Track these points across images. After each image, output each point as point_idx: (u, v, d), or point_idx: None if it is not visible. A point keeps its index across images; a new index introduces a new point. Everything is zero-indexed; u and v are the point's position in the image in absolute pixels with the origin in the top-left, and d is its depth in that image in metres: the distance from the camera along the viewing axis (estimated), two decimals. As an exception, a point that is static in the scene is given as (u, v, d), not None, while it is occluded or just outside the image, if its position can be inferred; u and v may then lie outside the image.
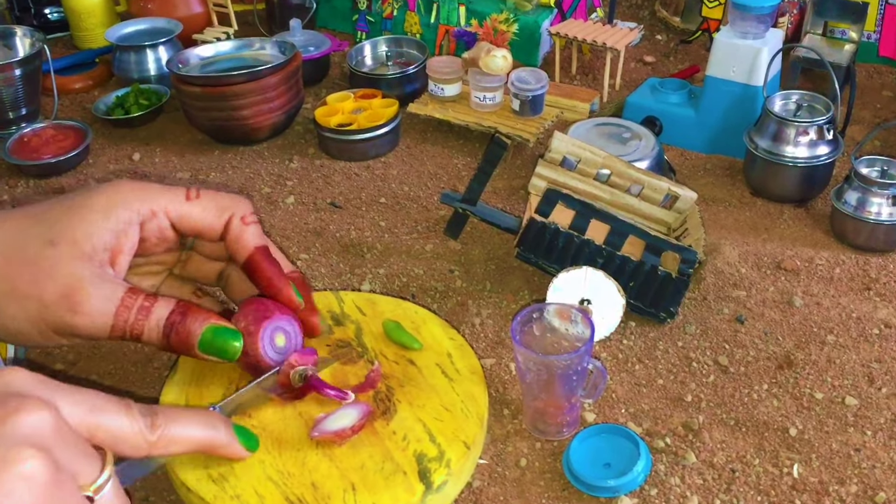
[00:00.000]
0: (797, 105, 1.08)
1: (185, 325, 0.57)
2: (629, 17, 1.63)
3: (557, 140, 0.96)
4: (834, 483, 0.72)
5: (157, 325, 0.57)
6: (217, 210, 0.62)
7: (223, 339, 0.59)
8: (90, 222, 0.58)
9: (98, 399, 0.45)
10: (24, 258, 0.55)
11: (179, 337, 0.57)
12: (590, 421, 0.78)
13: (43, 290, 0.55)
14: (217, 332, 0.59)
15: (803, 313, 0.91)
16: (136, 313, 0.57)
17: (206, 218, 0.62)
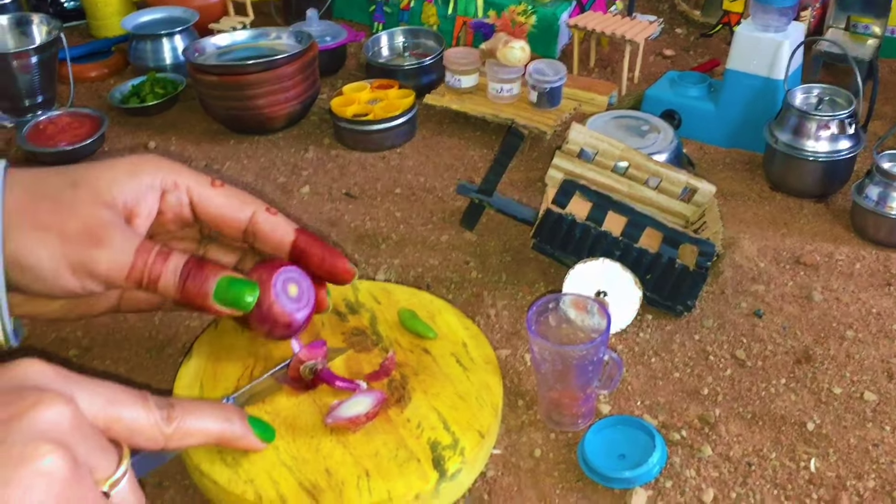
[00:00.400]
0: (818, 99, 1.07)
1: (203, 273, 0.56)
2: (649, 10, 1.62)
3: (575, 131, 0.95)
4: (852, 478, 0.71)
5: (175, 270, 0.56)
6: (239, 202, 0.62)
7: (238, 288, 0.57)
8: (113, 177, 0.57)
9: (115, 391, 0.45)
10: (45, 194, 0.55)
11: (196, 283, 0.56)
12: (605, 412, 0.78)
13: (65, 223, 0.54)
14: (233, 282, 0.57)
15: (822, 308, 0.90)
16: (155, 255, 0.56)
17: (229, 207, 0.62)
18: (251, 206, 0.62)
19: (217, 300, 0.57)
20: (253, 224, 0.62)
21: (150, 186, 0.59)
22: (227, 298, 0.57)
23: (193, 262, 0.57)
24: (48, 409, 0.39)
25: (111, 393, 0.44)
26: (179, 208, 0.61)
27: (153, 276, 0.55)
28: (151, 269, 0.55)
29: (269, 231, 0.62)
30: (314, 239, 0.64)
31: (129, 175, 0.58)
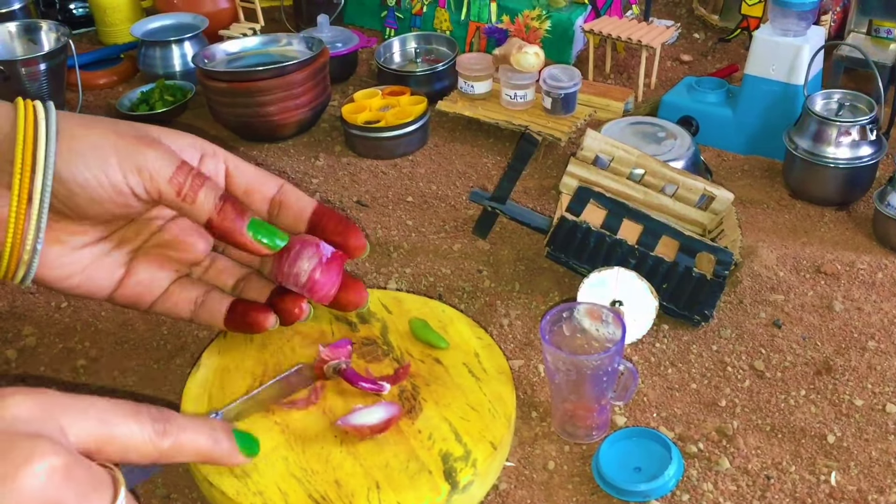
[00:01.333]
0: (839, 104, 1.06)
1: (240, 205, 0.59)
2: (666, 14, 1.61)
3: (590, 138, 0.94)
4: (873, 492, 0.70)
5: (216, 190, 0.58)
6: (269, 175, 0.66)
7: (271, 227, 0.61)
8: (161, 131, 0.61)
9: (107, 410, 0.44)
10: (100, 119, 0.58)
11: (235, 209, 0.58)
12: (620, 424, 0.77)
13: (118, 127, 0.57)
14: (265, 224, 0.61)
15: (843, 318, 0.88)
16: (198, 172, 0.58)
17: (261, 177, 0.65)
18: (280, 180, 0.66)
19: (251, 229, 0.58)
20: (280, 194, 0.65)
21: (192, 146, 0.62)
22: (261, 233, 0.59)
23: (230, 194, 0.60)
24: (38, 464, 0.38)
25: (103, 413, 0.44)
26: (216, 174, 0.63)
27: (194, 187, 0.56)
28: (193, 180, 0.57)
29: (294, 200, 0.65)
30: (332, 211, 0.67)
31: (175, 134, 0.62)
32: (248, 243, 0.59)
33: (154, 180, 0.56)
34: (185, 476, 0.72)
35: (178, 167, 0.56)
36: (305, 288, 0.67)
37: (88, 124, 0.56)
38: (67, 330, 0.90)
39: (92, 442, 0.43)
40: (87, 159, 0.55)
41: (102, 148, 0.55)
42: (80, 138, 0.55)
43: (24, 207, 0.54)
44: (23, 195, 0.53)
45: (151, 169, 0.55)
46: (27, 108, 0.55)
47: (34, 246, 0.56)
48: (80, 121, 0.57)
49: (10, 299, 0.95)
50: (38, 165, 0.53)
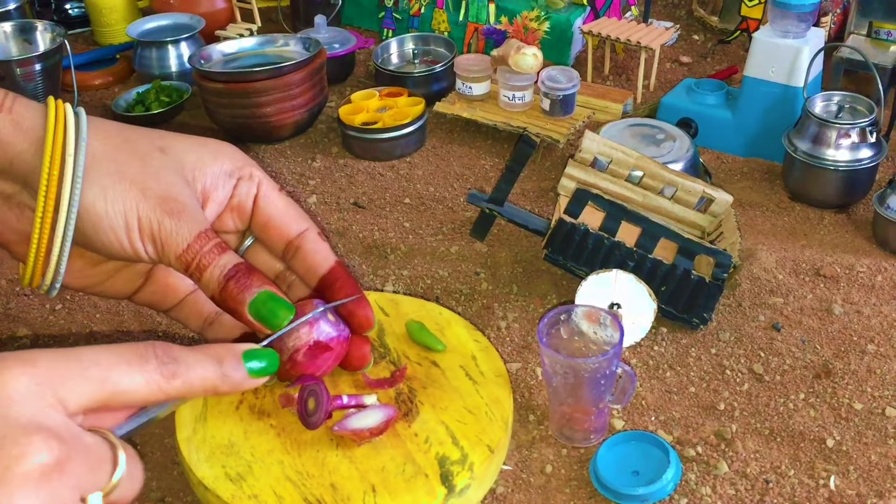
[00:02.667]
0: (839, 106, 1.06)
1: (248, 280, 0.56)
2: (665, 16, 1.61)
3: (588, 140, 0.94)
4: (872, 496, 0.69)
5: (224, 267, 0.55)
6: (297, 214, 0.62)
7: (276, 304, 0.56)
8: (199, 158, 0.58)
9: (110, 367, 0.43)
10: (132, 151, 0.55)
11: (238, 287, 0.55)
12: (618, 428, 0.77)
13: (147, 183, 0.54)
14: (273, 298, 0.56)
15: (843, 321, 0.88)
16: (213, 246, 0.55)
17: (287, 214, 0.61)
18: (306, 223, 0.62)
19: (251, 310, 0.56)
20: (300, 239, 0.62)
21: (229, 174, 0.60)
22: (262, 312, 0.56)
23: (244, 266, 0.56)
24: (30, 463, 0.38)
25: (105, 371, 0.43)
26: (245, 199, 0.61)
27: (202, 264, 0.55)
28: (204, 256, 0.55)
29: (312, 251, 0.62)
30: (349, 276, 0.63)
31: (212, 158, 0.59)
32: (249, 323, 0.57)
33: (166, 253, 0.55)
34: (180, 479, 0.72)
35: (188, 245, 0.55)
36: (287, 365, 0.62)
37: (119, 167, 0.54)
38: (62, 332, 0.90)
39: (94, 403, 0.42)
40: (112, 220, 0.54)
41: (128, 211, 0.54)
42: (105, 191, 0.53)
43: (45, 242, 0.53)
44: (44, 231, 0.53)
45: (165, 241, 0.54)
46: (57, 129, 0.53)
47: (55, 274, 0.55)
48: (111, 160, 0.54)
49: (5, 301, 0.94)
50: (60, 210, 0.52)
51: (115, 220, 0.53)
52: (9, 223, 0.55)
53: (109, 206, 0.53)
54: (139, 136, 0.57)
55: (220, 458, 0.63)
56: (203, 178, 0.58)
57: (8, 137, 0.52)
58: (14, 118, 0.52)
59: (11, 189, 0.54)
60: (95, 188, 0.53)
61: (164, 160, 0.56)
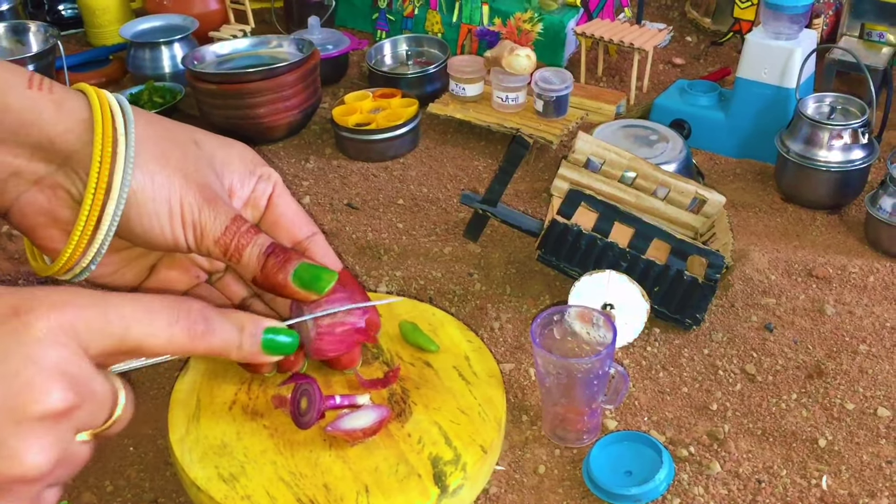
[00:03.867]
0: (831, 108, 1.06)
1: (286, 255, 0.58)
2: (658, 17, 1.61)
3: (581, 141, 0.94)
4: (864, 496, 0.70)
5: (262, 245, 0.57)
6: (308, 219, 0.64)
7: (318, 270, 0.59)
8: (227, 156, 0.60)
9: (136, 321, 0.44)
10: (173, 140, 0.57)
11: (277, 261, 0.57)
12: (611, 428, 0.77)
13: (187, 170, 0.56)
14: (312, 266, 0.59)
15: (835, 322, 0.89)
16: (248, 227, 0.57)
17: (298, 217, 0.64)
18: (315, 228, 0.65)
19: (295, 279, 0.58)
20: (309, 242, 0.64)
21: (252, 173, 0.62)
22: (305, 278, 0.58)
23: (277, 244, 0.58)
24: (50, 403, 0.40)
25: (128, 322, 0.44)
26: (260, 196, 0.63)
27: (240, 246, 0.57)
28: (241, 236, 0.57)
29: (321, 255, 0.64)
30: (356, 282, 0.65)
31: (238, 158, 0.61)
32: (294, 293, 0.59)
33: (204, 239, 0.57)
34: (173, 480, 0.72)
35: (226, 228, 0.56)
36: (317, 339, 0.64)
37: (164, 154, 0.55)
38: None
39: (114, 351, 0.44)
40: (158, 206, 0.55)
41: (172, 197, 0.55)
42: (153, 176, 0.54)
43: (92, 226, 0.54)
44: (92, 215, 0.53)
45: (203, 227, 0.56)
46: (104, 113, 0.54)
47: (93, 259, 0.56)
48: (156, 147, 0.55)
49: None
50: (112, 192, 0.52)
51: (160, 205, 0.55)
52: (37, 205, 0.55)
53: (157, 192, 0.54)
54: (176, 126, 0.59)
55: (213, 458, 0.63)
56: (231, 176, 0.60)
57: (50, 117, 0.52)
58: (55, 98, 0.52)
59: (45, 170, 0.54)
60: (143, 172, 0.54)
61: (199, 153, 0.58)
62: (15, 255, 1.03)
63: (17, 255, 1.03)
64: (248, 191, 0.62)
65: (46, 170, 0.54)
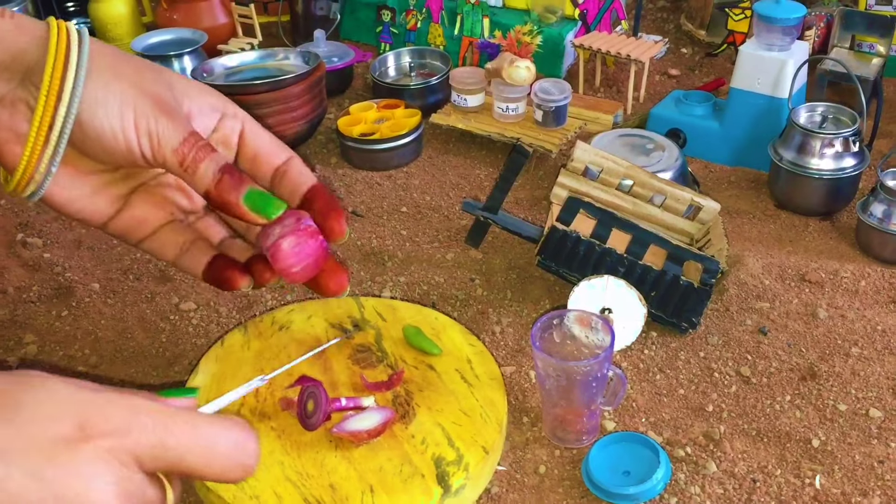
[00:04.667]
0: (822, 117, 1.08)
1: (240, 176, 0.59)
2: (654, 30, 1.63)
3: (580, 150, 0.96)
4: (857, 495, 0.71)
5: (218, 162, 0.58)
6: (282, 147, 0.65)
7: (268, 197, 0.60)
8: (187, 85, 0.61)
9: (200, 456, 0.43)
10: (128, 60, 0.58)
11: (233, 180, 0.58)
12: (609, 429, 0.78)
13: (142, 84, 0.57)
14: (263, 193, 0.60)
15: (827, 325, 0.90)
16: (205, 143, 0.58)
17: (273, 146, 0.64)
18: (290, 153, 0.66)
19: (246, 201, 0.59)
20: (286, 165, 0.65)
21: (213, 107, 0.63)
22: (257, 203, 0.59)
23: (233, 166, 0.59)
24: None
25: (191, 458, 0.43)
26: (231, 133, 0.64)
27: (197, 158, 0.58)
28: (198, 151, 0.58)
29: (296, 174, 0.64)
30: (325, 192, 0.66)
31: (198, 90, 0.62)
32: (244, 213, 0.60)
33: (161, 147, 0.57)
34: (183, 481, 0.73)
35: (184, 139, 0.58)
36: (269, 252, 0.64)
37: (116, 68, 0.57)
38: (68, 338, 0.91)
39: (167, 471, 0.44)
40: (109, 109, 0.56)
41: (124, 102, 0.56)
42: (106, 84, 0.56)
43: (45, 132, 0.55)
44: (45, 120, 0.55)
45: (161, 136, 0.57)
46: (60, 31, 0.56)
47: (48, 168, 0.57)
48: (109, 61, 0.57)
49: (12, 308, 0.96)
50: (63, 96, 0.54)
51: (112, 110, 0.56)
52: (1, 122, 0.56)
53: (110, 97, 0.56)
54: (135, 56, 0.60)
55: (223, 458, 0.65)
56: (189, 103, 0.61)
57: (10, 36, 0.55)
58: (16, 21, 0.55)
59: (6, 87, 0.56)
60: (96, 80, 0.55)
61: (157, 76, 0.59)
62: (29, 261, 1.05)
63: (32, 262, 1.05)
64: (210, 124, 0.63)
65: (7, 87, 0.56)
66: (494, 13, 1.49)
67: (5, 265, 1.04)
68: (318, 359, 0.75)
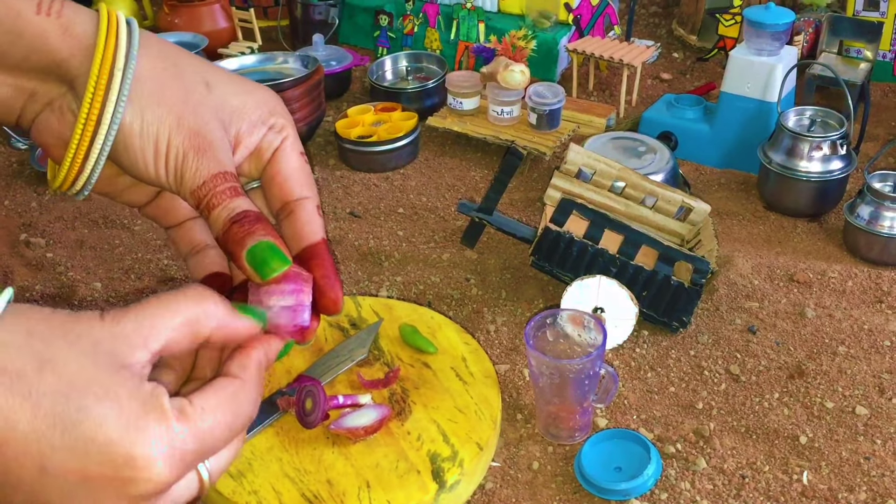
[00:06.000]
0: (811, 120, 1.09)
1: (253, 227, 0.54)
2: (646, 35, 1.65)
3: (573, 152, 0.97)
4: (843, 490, 0.72)
5: (234, 209, 0.55)
6: (306, 182, 0.60)
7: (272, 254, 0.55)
8: (242, 103, 0.57)
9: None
10: (179, 77, 0.55)
11: (241, 230, 0.54)
12: (602, 426, 0.79)
13: (183, 114, 0.54)
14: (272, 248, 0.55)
15: (815, 325, 0.91)
16: (227, 188, 0.55)
17: (296, 177, 0.59)
18: (310, 192, 0.60)
19: (247, 255, 0.55)
20: (298, 204, 0.59)
21: (265, 122, 0.58)
22: (255, 259, 0.55)
23: (254, 214, 0.55)
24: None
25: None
26: (267, 148, 0.59)
27: (213, 203, 0.54)
28: (216, 195, 0.54)
29: (305, 221, 0.59)
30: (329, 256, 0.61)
31: (255, 104, 0.58)
32: (244, 268, 0.56)
33: (183, 185, 0.55)
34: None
35: (204, 182, 0.55)
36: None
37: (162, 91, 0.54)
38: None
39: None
40: (144, 141, 0.54)
41: (160, 135, 0.54)
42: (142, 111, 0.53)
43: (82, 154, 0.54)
44: (83, 143, 0.53)
45: (184, 175, 0.55)
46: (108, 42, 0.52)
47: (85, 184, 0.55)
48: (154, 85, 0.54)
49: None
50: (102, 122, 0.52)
51: (146, 143, 0.54)
52: (50, 126, 0.56)
53: (145, 128, 0.54)
54: (188, 64, 0.56)
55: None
56: (240, 124, 0.57)
57: (56, 43, 0.52)
58: (63, 22, 0.52)
59: (57, 91, 0.55)
60: (135, 107, 0.53)
61: (207, 97, 0.56)
62: (33, 261, 1.06)
63: (35, 261, 1.06)
64: (256, 139, 0.59)
65: (58, 91, 0.54)
66: (490, 18, 1.50)
67: (9, 265, 1.05)
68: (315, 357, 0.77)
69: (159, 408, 0.41)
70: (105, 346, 0.43)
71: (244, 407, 0.45)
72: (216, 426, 0.43)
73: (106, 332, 0.43)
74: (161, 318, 0.45)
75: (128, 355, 0.43)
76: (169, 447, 0.40)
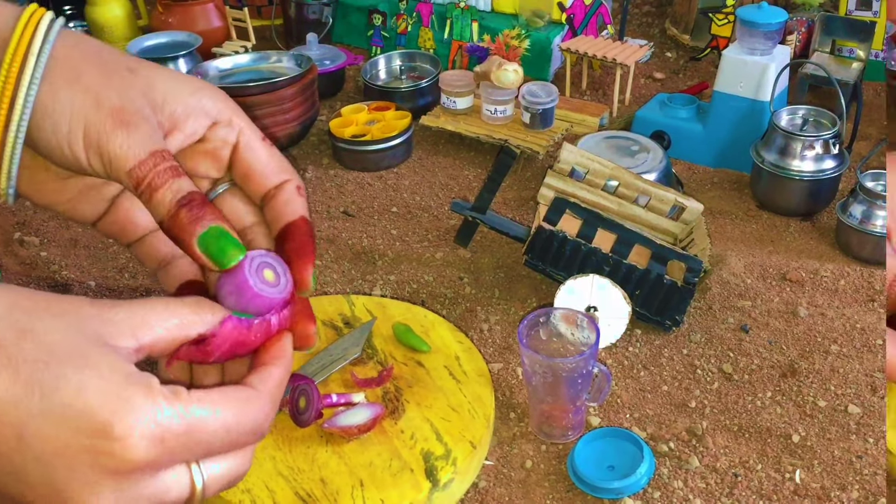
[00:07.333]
0: (803, 120, 1.10)
1: (202, 211, 0.51)
2: (639, 34, 1.65)
3: (566, 151, 0.97)
4: (836, 489, 0.73)
5: (178, 191, 0.51)
6: (280, 167, 0.57)
7: (226, 241, 0.51)
8: (174, 86, 0.54)
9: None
10: (99, 62, 0.52)
11: (189, 216, 0.51)
12: (595, 425, 0.80)
13: (103, 94, 0.51)
14: (224, 234, 0.52)
15: (808, 323, 0.92)
16: (167, 167, 0.51)
17: (270, 165, 0.56)
18: (288, 175, 0.57)
19: (200, 243, 0.51)
20: (278, 189, 0.57)
21: (205, 111, 0.55)
22: (211, 248, 0.51)
23: (200, 197, 0.52)
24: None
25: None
26: (222, 146, 0.56)
27: (154, 184, 0.51)
28: (157, 175, 0.50)
29: (284, 201, 0.57)
30: (308, 234, 0.58)
31: (190, 90, 0.54)
32: (197, 257, 0.52)
33: (115, 167, 0.51)
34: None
35: (140, 161, 0.51)
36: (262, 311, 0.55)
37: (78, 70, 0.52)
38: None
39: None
40: (56, 122, 0.51)
41: (74, 114, 0.51)
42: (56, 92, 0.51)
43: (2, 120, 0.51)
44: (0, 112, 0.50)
45: (113, 155, 0.51)
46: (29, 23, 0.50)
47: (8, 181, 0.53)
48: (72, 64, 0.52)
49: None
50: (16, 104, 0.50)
51: (59, 122, 0.51)
52: None
53: (57, 107, 0.51)
54: (111, 53, 0.54)
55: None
56: (174, 105, 0.54)
57: None
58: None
59: None
60: (46, 86, 0.51)
61: (131, 79, 0.53)
62: (26, 260, 1.06)
63: (29, 260, 1.06)
64: (199, 129, 0.55)
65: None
66: (483, 17, 1.51)
67: (2, 263, 1.05)
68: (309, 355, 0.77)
69: (146, 384, 0.39)
70: (92, 324, 0.41)
71: (253, 415, 0.43)
72: (212, 420, 0.41)
73: (94, 312, 0.41)
74: (156, 314, 0.44)
75: (115, 337, 0.41)
76: (151, 423, 0.38)
